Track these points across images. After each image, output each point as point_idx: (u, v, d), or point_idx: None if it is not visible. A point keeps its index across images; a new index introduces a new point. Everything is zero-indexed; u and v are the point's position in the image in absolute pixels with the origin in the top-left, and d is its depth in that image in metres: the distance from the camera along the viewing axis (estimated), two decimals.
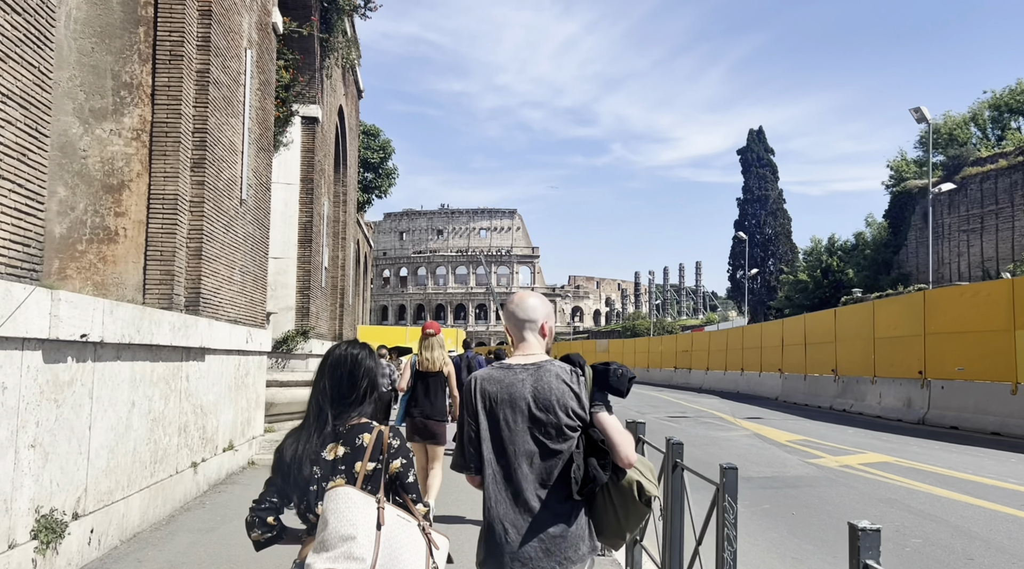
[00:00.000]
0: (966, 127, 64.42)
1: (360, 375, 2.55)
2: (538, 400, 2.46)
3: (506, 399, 2.48)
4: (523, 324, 2.66)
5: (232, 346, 8.63)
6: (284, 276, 14.41)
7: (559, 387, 2.47)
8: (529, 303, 2.69)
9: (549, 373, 2.51)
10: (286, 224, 14.44)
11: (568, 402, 2.45)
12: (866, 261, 59.80)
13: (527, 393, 2.48)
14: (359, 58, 22.17)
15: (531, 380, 2.50)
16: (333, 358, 2.56)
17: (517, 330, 2.67)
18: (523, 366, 2.55)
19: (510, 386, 2.50)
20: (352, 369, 2.54)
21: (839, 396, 20.86)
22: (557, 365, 2.55)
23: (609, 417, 2.49)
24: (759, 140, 78.63)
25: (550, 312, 2.72)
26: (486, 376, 2.57)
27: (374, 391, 2.58)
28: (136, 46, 7.21)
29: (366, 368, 2.57)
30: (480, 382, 2.56)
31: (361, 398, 2.53)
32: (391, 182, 31.58)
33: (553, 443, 2.44)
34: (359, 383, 2.53)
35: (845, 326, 21.15)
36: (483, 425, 2.49)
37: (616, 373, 2.55)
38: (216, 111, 7.90)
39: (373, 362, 2.61)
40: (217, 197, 8.06)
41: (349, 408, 2.50)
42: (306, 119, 14.50)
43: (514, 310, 2.69)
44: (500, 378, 2.54)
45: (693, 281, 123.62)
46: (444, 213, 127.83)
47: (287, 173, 14.44)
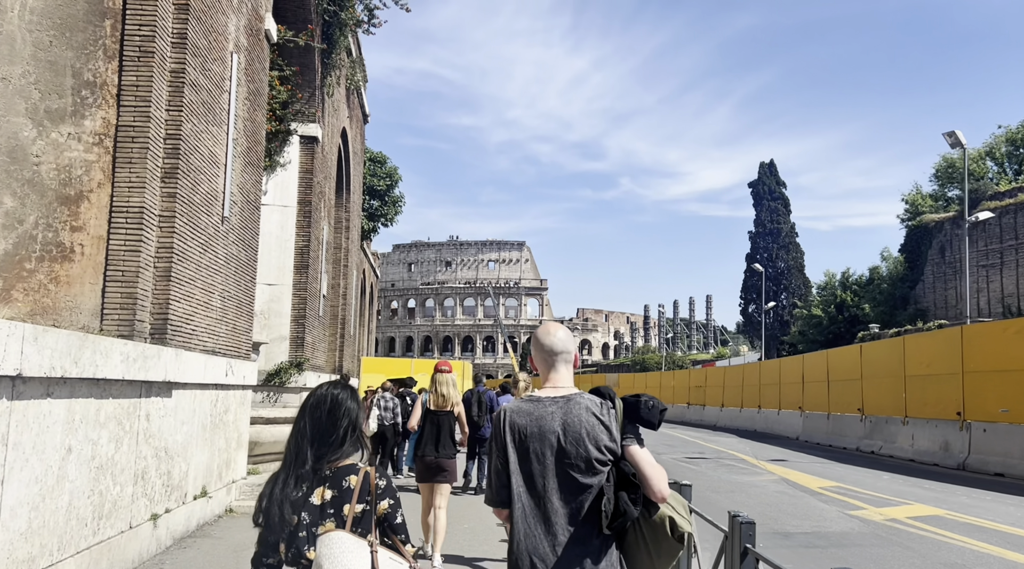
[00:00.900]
0: (982, 162, 63.58)
1: (340, 415, 2.53)
2: (568, 433, 2.44)
3: (535, 432, 2.46)
4: (558, 356, 2.62)
5: (208, 379, 7.70)
6: (278, 304, 13.52)
7: (589, 420, 2.45)
8: (561, 335, 2.67)
9: (579, 406, 2.48)
10: (282, 249, 13.59)
11: (598, 435, 2.44)
12: (882, 296, 58.62)
13: (557, 426, 2.45)
14: (365, 81, 21.53)
15: (561, 413, 2.48)
16: (314, 399, 2.56)
17: (550, 361, 2.63)
18: (552, 399, 2.53)
19: (540, 419, 2.48)
20: (332, 410, 2.53)
21: (866, 437, 19.69)
22: (587, 398, 2.52)
23: (641, 450, 2.47)
24: (771, 173, 78.02)
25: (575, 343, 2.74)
26: (515, 409, 2.54)
27: (355, 432, 2.55)
28: (101, 41, 6.40)
29: (346, 409, 2.54)
30: (509, 415, 2.52)
31: (341, 439, 2.51)
32: (397, 210, 30.83)
33: (583, 477, 2.41)
34: (339, 423, 2.51)
35: (872, 363, 20.04)
36: (512, 458, 2.47)
37: (647, 405, 2.54)
38: (193, 117, 7.07)
39: (355, 403, 2.59)
40: (192, 212, 7.19)
41: (330, 449, 2.48)
42: (305, 138, 13.72)
43: (552, 343, 2.63)
44: (529, 411, 2.51)
45: (703, 315, 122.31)
46: (453, 245, 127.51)
47: (284, 195, 13.62)
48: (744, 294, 75.80)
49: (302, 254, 13.73)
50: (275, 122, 12.96)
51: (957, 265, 56.25)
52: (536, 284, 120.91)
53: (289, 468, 2.47)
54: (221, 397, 8.37)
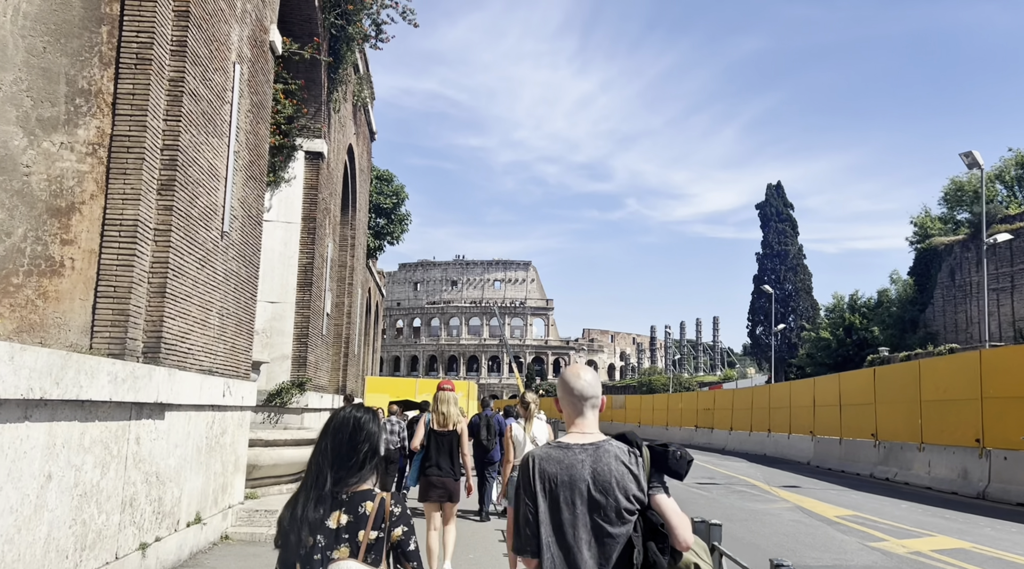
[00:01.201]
0: (992, 185, 63.24)
1: (361, 439, 2.53)
2: (598, 482, 2.44)
3: (566, 481, 2.45)
4: (586, 401, 2.61)
5: (204, 400, 7.39)
6: (281, 322, 13.23)
7: (619, 469, 2.45)
8: (590, 378, 2.64)
9: (608, 454, 2.48)
10: (285, 266, 13.32)
11: (628, 485, 2.44)
12: (891, 319, 58.04)
13: (587, 475, 2.45)
14: (372, 99, 21.39)
15: (590, 461, 2.47)
16: (336, 421, 2.56)
17: (578, 406, 2.61)
18: (582, 446, 2.52)
19: (570, 467, 2.47)
20: (353, 433, 2.53)
21: (881, 463, 19.22)
22: (615, 445, 2.52)
23: (668, 500, 2.48)
24: (778, 194, 77.80)
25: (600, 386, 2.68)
26: (544, 455, 2.52)
27: (375, 456, 2.56)
28: (97, 47, 6.18)
29: (368, 432, 2.55)
30: (539, 462, 2.51)
31: (361, 463, 2.52)
32: (403, 228, 30.62)
33: (612, 527, 2.42)
34: (359, 447, 2.52)
35: (886, 387, 19.61)
36: (542, 507, 2.46)
37: (675, 455, 2.54)
38: (192, 127, 6.82)
39: (376, 427, 2.59)
40: (190, 226, 6.93)
41: (348, 473, 2.49)
42: (310, 154, 13.50)
43: (582, 388, 2.61)
44: (559, 458, 2.49)
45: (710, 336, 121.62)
46: (459, 264, 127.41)
47: (288, 211, 13.38)
48: (752, 316, 75.25)
49: (306, 271, 13.46)
50: (280, 137, 12.75)
51: (968, 288, 55.73)
52: (542, 304, 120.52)
53: (309, 489, 2.48)
54: (218, 419, 8.06)
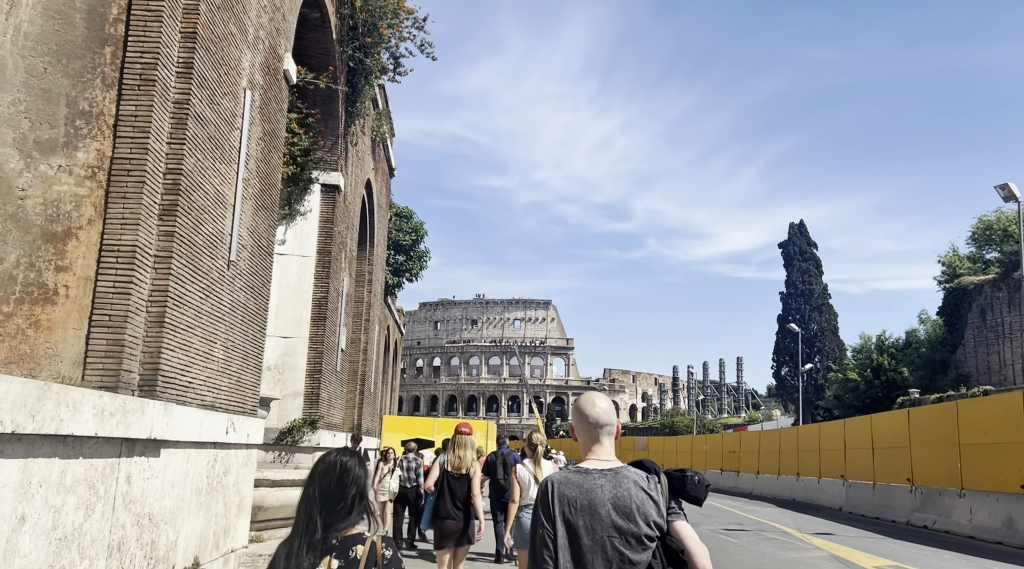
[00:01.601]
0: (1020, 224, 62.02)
1: (348, 483, 2.50)
2: (618, 508, 2.42)
3: (585, 506, 2.42)
4: (602, 428, 2.61)
5: (205, 438, 7.02)
6: (294, 357, 12.90)
7: (639, 495, 2.44)
8: (605, 406, 2.65)
9: (627, 480, 2.47)
10: (299, 300, 13.04)
11: (648, 511, 2.43)
12: (921, 360, 56.64)
13: (607, 500, 2.42)
14: (392, 135, 21.35)
15: (610, 487, 2.45)
16: (323, 466, 2.54)
17: (593, 433, 2.61)
18: (601, 471, 2.51)
19: (589, 492, 2.44)
20: (340, 477, 2.50)
21: (918, 510, 18.35)
22: (634, 472, 2.51)
23: (687, 526, 2.51)
24: (801, 233, 77.09)
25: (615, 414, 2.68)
26: (563, 480, 2.50)
27: (363, 500, 2.53)
28: (100, 69, 5.97)
29: (354, 477, 2.52)
30: (557, 486, 2.48)
31: (349, 508, 2.48)
32: (423, 265, 30.43)
33: (633, 553, 2.39)
34: (347, 491, 2.48)
35: (922, 429, 18.82)
36: (560, 532, 2.43)
37: (693, 481, 2.55)
38: (197, 151, 6.58)
39: (362, 471, 2.56)
40: (193, 254, 6.64)
41: (338, 517, 2.45)
42: (326, 187, 13.30)
43: (597, 415, 2.61)
44: (578, 483, 2.48)
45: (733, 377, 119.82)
46: (479, 303, 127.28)
47: (303, 244, 13.15)
48: (776, 356, 74.02)
49: (320, 306, 13.16)
50: (295, 169, 12.58)
51: (1000, 329, 54.40)
52: (562, 343, 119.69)
53: (300, 536, 2.44)
54: (220, 457, 7.68)
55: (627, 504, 2.41)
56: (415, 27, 12.82)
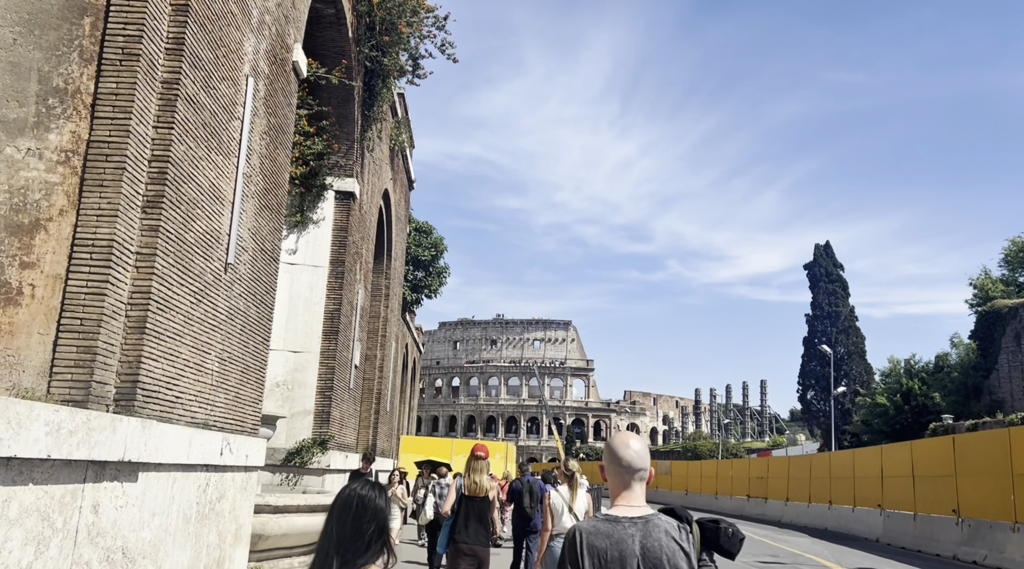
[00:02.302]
0: None
1: (366, 520, 2.42)
2: (648, 559, 2.34)
3: (616, 557, 2.35)
4: (635, 473, 2.49)
5: (194, 459, 6.28)
6: (304, 373, 12.18)
7: (669, 546, 2.36)
8: (638, 448, 2.53)
9: (658, 529, 2.39)
10: (310, 313, 12.35)
11: (679, 563, 2.35)
12: (953, 385, 54.92)
13: (637, 550, 2.35)
14: (412, 146, 20.76)
15: (640, 536, 2.37)
16: (341, 500, 2.47)
17: (625, 478, 2.49)
18: (631, 520, 2.41)
19: (620, 542, 2.36)
20: (358, 513, 2.42)
21: (965, 544, 17.18)
22: (665, 520, 2.43)
23: None
24: (827, 255, 75.67)
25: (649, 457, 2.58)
26: (591, 530, 2.42)
27: (381, 536, 2.43)
28: (77, 41, 5.31)
29: (373, 511, 2.43)
30: (587, 537, 2.41)
31: (367, 544, 2.40)
32: (442, 281, 29.74)
33: None
34: (365, 527, 2.41)
35: (969, 457, 17.70)
36: None
37: (727, 533, 2.54)
38: (188, 138, 5.90)
39: (383, 502, 2.47)
40: (182, 253, 5.93)
41: (355, 555, 2.38)
42: (341, 194, 12.65)
43: (631, 459, 2.50)
44: (608, 532, 2.39)
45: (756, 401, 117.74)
46: (498, 323, 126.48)
47: (315, 254, 12.48)
48: (802, 380, 72.32)
49: (332, 319, 12.45)
50: (308, 174, 11.95)
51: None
52: (582, 364, 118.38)
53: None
54: (214, 481, 6.92)
55: (657, 556, 2.34)
56: (435, 26, 12.20)
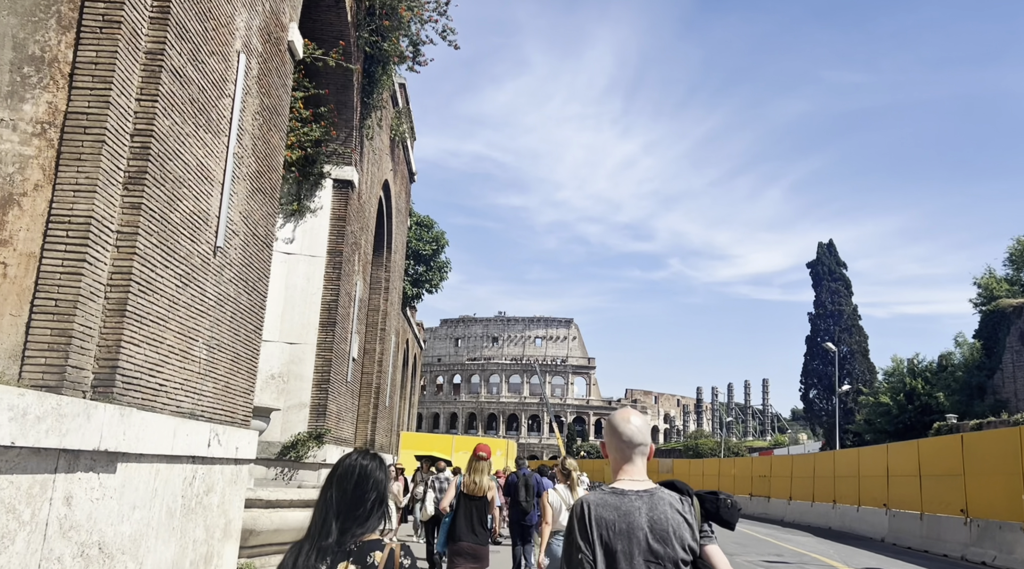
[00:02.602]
0: None
1: (368, 488, 2.42)
2: (655, 531, 2.38)
3: (624, 529, 2.38)
4: (636, 447, 2.56)
5: (179, 450, 6.00)
6: (300, 366, 11.89)
7: (675, 518, 2.41)
8: (639, 423, 2.58)
9: (663, 501, 2.43)
10: (307, 304, 12.06)
11: (684, 534, 2.39)
12: (957, 384, 54.58)
13: (644, 523, 2.39)
14: (413, 137, 20.46)
15: (646, 509, 2.41)
16: (342, 468, 2.45)
17: (626, 452, 2.56)
18: (636, 493, 2.45)
19: (627, 514, 2.40)
20: (360, 481, 2.42)
21: (974, 544, 16.89)
22: (668, 493, 2.48)
23: (718, 550, 2.47)
24: (830, 253, 75.27)
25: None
26: (600, 502, 2.45)
27: (382, 505, 2.44)
28: (55, 7, 5.02)
29: (375, 480, 2.44)
30: (595, 508, 2.43)
31: (368, 513, 2.40)
32: (443, 276, 29.43)
33: None
34: (366, 496, 2.41)
35: (977, 456, 17.40)
36: (599, 557, 2.38)
37: (726, 503, 2.56)
38: (174, 113, 5.60)
39: (383, 474, 2.48)
40: (167, 233, 5.65)
41: (355, 522, 2.38)
42: (339, 182, 12.35)
43: (632, 433, 2.55)
44: (616, 505, 2.42)
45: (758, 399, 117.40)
46: (500, 321, 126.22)
47: (312, 244, 12.18)
48: (805, 378, 71.95)
49: (329, 310, 12.16)
50: (305, 161, 11.66)
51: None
52: (584, 363, 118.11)
53: (313, 539, 2.38)
54: (201, 473, 6.64)
55: (664, 527, 2.37)
56: (436, 11, 11.89)
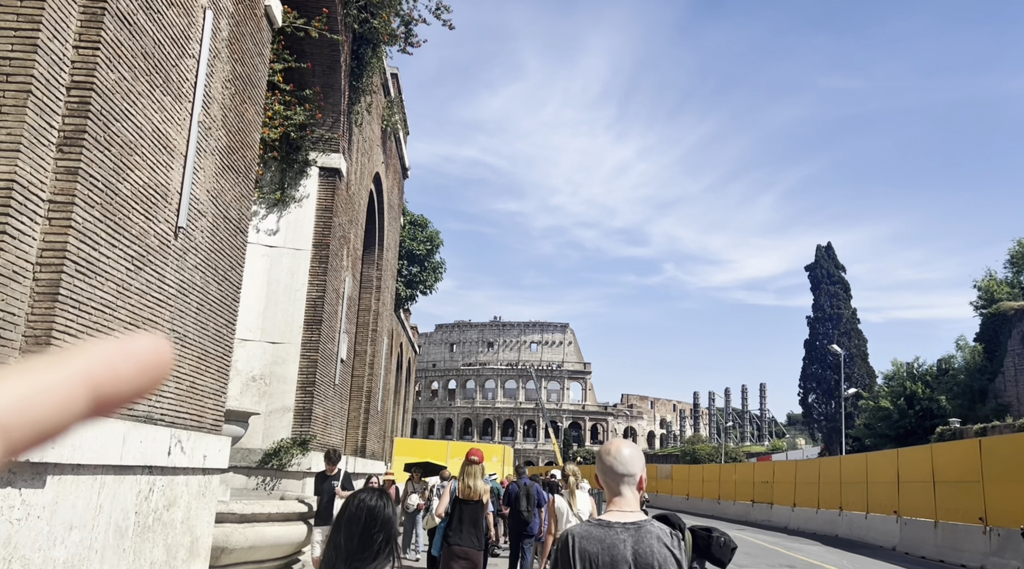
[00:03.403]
0: None
1: (375, 530, 2.40)
2: (639, 565, 2.34)
3: (607, 562, 2.34)
4: (622, 479, 2.52)
5: (131, 460, 5.18)
6: (283, 367, 11.08)
7: (661, 552, 2.36)
8: (626, 454, 2.55)
9: (650, 535, 2.39)
10: (291, 301, 11.25)
11: (670, 568, 2.35)
12: (959, 388, 53.95)
13: (628, 556, 2.35)
14: (406, 130, 19.69)
15: (632, 541, 2.37)
16: (349, 512, 2.46)
17: (614, 484, 2.53)
18: (623, 525, 2.42)
19: (611, 547, 2.36)
20: (367, 524, 2.40)
21: (994, 554, 16.12)
22: (657, 526, 2.44)
23: None
24: (828, 256, 74.82)
25: (644, 463, 2.58)
26: (584, 534, 2.42)
27: (389, 545, 2.42)
28: None
29: (382, 521, 2.42)
30: (579, 541, 2.39)
31: (375, 554, 2.39)
32: (437, 277, 28.61)
33: None
34: (373, 539, 2.39)
35: (998, 461, 16.64)
36: None
37: (719, 541, 2.56)
38: (121, 66, 4.81)
39: (391, 512, 2.45)
40: (114, 207, 4.85)
41: (363, 564, 2.36)
42: (325, 170, 11.56)
43: (612, 463, 2.53)
44: (600, 537, 2.39)
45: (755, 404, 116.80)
46: (495, 325, 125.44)
47: (297, 236, 11.38)
48: (803, 383, 71.35)
49: (315, 307, 11.35)
50: (289, 147, 10.88)
51: None
52: (580, 367, 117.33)
53: None
54: (160, 485, 5.82)
55: (648, 561, 2.32)
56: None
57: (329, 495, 9.42)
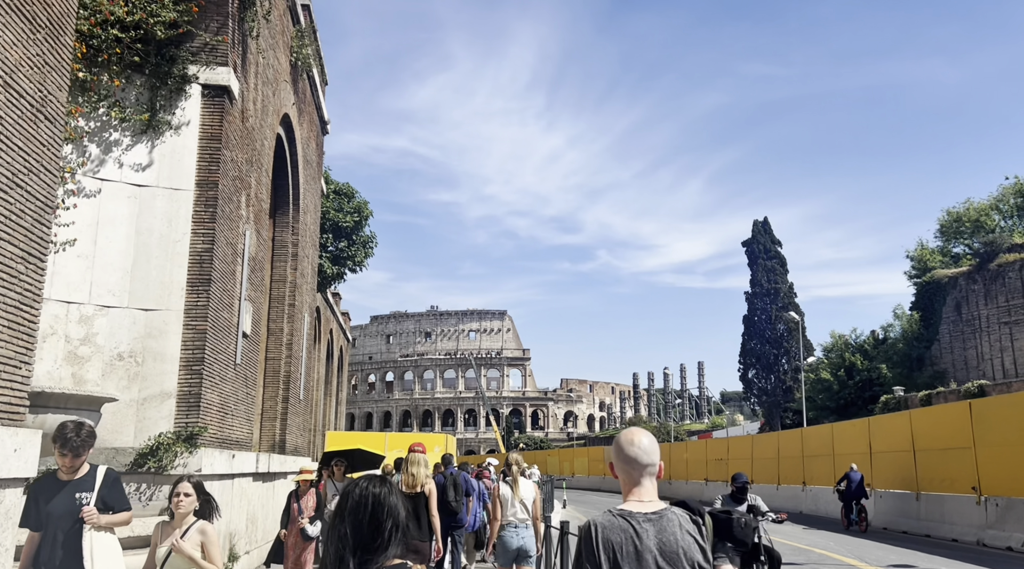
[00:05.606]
0: (990, 214, 60.48)
1: (384, 517, 2.27)
2: (664, 554, 2.33)
3: (631, 552, 2.32)
4: (645, 469, 2.49)
5: None
6: (160, 340, 8.53)
7: (685, 539, 2.36)
8: (646, 444, 2.51)
9: (673, 523, 2.39)
10: (169, 256, 8.69)
11: (695, 556, 2.35)
12: (898, 357, 54.18)
13: (652, 546, 2.33)
14: (323, 77, 17.07)
15: (655, 531, 2.36)
16: (352, 501, 2.30)
17: (635, 474, 2.49)
18: (645, 515, 2.40)
19: (635, 537, 2.35)
20: (375, 512, 2.27)
21: (991, 526, 14.69)
22: (679, 513, 2.44)
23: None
24: (765, 231, 74.64)
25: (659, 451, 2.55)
26: (607, 524, 2.40)
27: (398, 531, 2.29)
28: None
29: (390, 507, 2.29)
30: (602, 531, 2.38)
31: (387, 542, 2.26)
32: (367, 252, 26.00)
33: None
34: (383, 525, 2.26)
35: (992, 426, 15.20)
36: None
37: (740, 523, 2.90)
38: None
39: (397, 499, 2.35)
40: None
41: (375, 554, 2.23)
42: (210, 89, 9.00)
43: (637, 454, 2.48)
44: (623, 527, 2.37)
45: (694, 383, 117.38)
46: (432, 315, 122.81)
47: (175, 173, 8.81)
48: (743, 359, 71.04)
49: (201, 263, 8.81)
50: (160, 57, 8.31)
51: (976, 323, 52.22)
52: (519, 354, 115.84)
53: None
54: None
55: (673, 549, 2.31)
56: None
57: None
